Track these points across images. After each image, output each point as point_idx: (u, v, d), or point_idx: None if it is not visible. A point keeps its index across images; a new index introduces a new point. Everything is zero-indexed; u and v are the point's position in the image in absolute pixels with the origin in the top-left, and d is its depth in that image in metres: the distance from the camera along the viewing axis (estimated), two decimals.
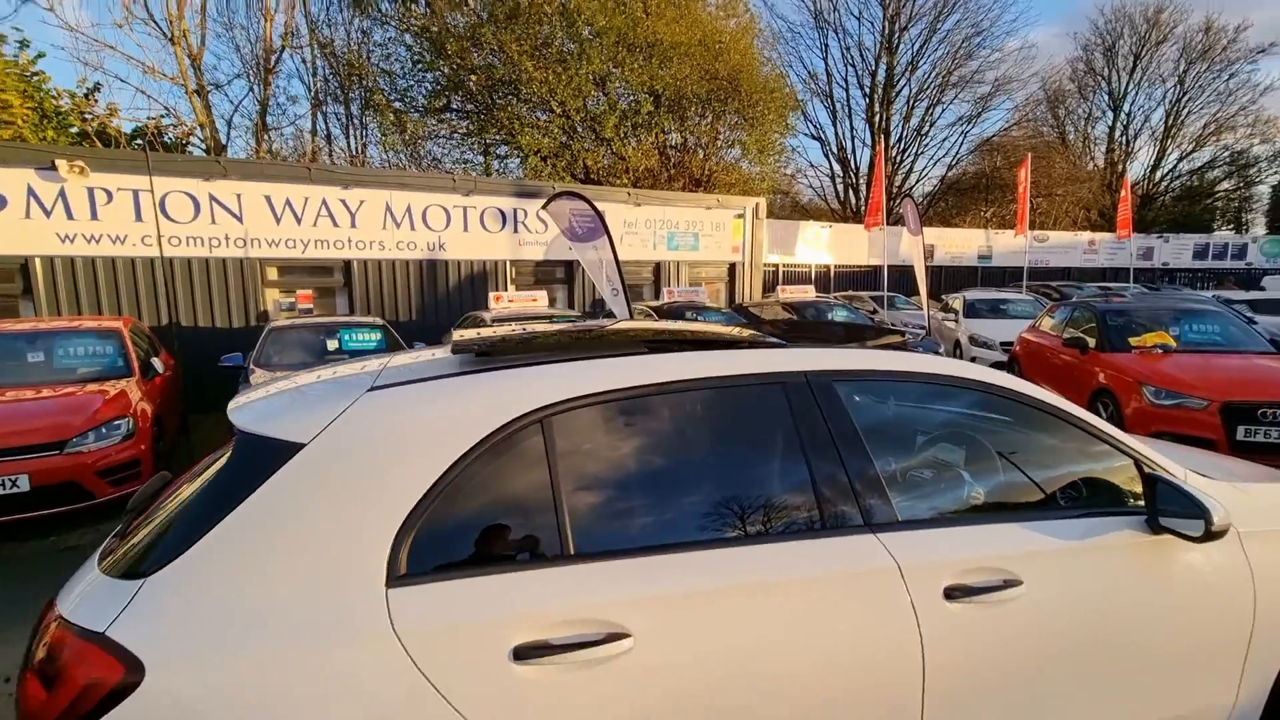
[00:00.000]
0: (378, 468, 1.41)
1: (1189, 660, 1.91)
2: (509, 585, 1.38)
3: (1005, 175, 26.67)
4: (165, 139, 15.38)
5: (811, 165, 36.93)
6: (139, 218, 8.63)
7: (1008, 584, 1.66)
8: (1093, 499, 1.97)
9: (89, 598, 1.35)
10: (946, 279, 21.86)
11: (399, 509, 1.38)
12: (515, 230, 11.45)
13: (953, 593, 1.62)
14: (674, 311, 9.28)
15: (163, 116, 16.03)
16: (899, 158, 29.06)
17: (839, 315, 10.79)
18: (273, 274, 9.89)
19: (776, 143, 20.79)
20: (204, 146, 17.10)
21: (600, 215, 8.21)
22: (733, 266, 14.10)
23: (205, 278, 9.16)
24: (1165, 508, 1.81)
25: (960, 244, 22.98)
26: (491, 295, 9.07)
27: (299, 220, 9.76)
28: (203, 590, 1.28)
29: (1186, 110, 32.94)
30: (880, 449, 1.79)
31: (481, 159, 19.76)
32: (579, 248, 8.47)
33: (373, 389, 1.53)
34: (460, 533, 1.44)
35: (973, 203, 29.18)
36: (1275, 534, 2.01)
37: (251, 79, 18.85)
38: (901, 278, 16.62)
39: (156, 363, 6.19)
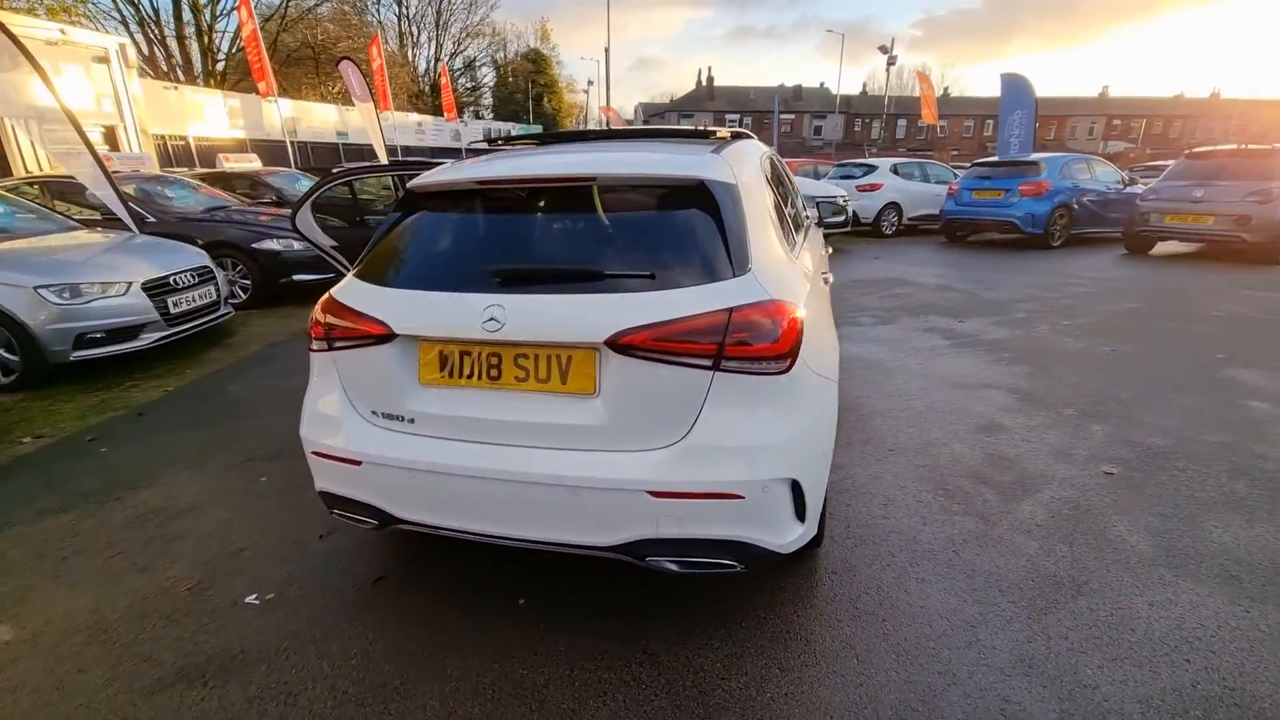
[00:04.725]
0: (762, 194, 2.23)
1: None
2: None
3: (335, 51, 26.96)
4: None
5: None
6: None
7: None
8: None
9: (711, 295, 1.76)
10: (315, 155, 21.70)
11: (773, 214, 2.29)
12: None
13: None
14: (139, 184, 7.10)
15: None
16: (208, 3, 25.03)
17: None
18: None
19: None
20: None
21: (13, 36, 5.46)
22: (112, 131, 10.68)
23: None
24: (824, 215, 4.27)
25: (319, 120, 22.79)
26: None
27: None
28: (770, 269, 1.92)
29: (450, 13, 40.08)
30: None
31: None
32: None
33: (713, 152, 2.19)
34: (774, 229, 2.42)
35: (305, 74, 28.44)
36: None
37: None
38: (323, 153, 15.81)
39: None
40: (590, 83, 38.94)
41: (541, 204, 2.08)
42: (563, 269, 1.91)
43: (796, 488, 1.82)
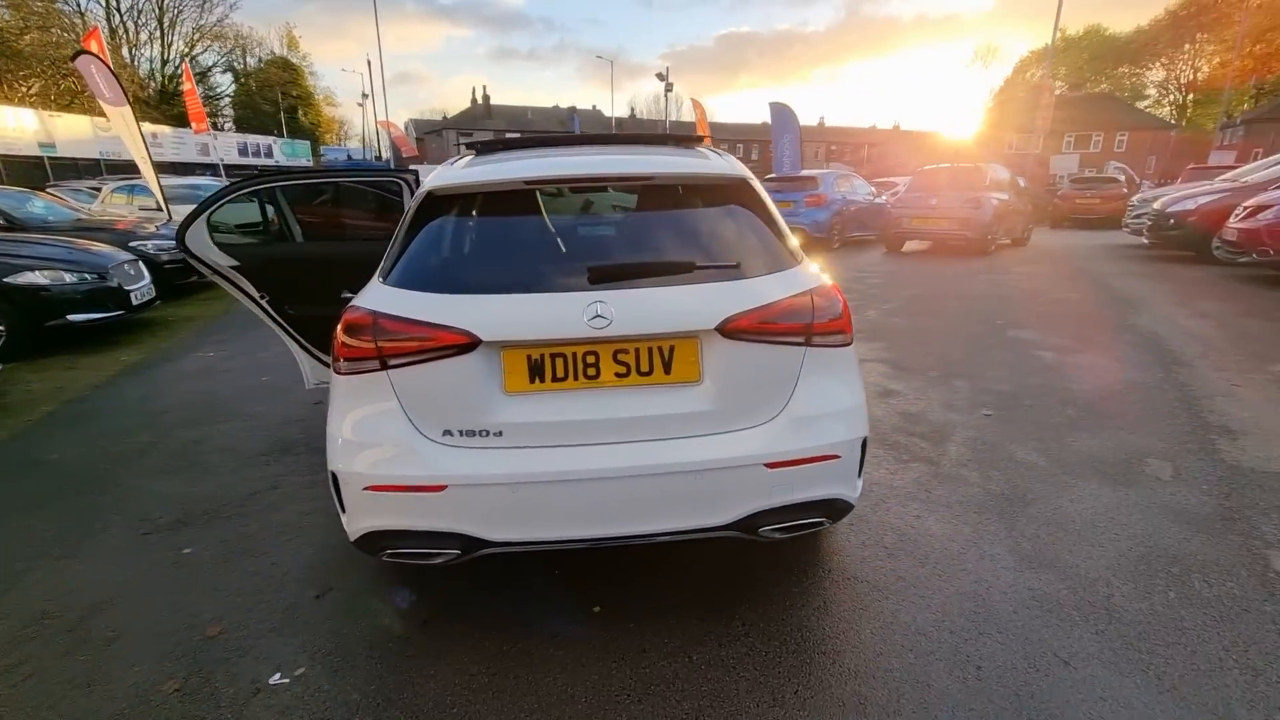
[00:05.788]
0: None
1: None
2: None
3: (18, 45, 21.49)
4: None
5: None
6: None
7: None
8: None
9: (788, 280, 1.93)
10: (9, 172, 17.25)
11: None
12: None
13: None
14: None
15: None
16: None
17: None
18: None
19: None
20: None
21: None
22: None
23: None
24: None
25: (11, 129, 18.02)
26: None
27: None
28: (805, 257, 2.18)
29: (177, 10, 34.35)
30: None
31: None
32: None
33: (722, 155, 2.37)
34: None
35: None
36: None
37: None
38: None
39: None
40: (365, 95, 35.87)
41: (595, 202, 2.09)
42: (658, 262, 1.94)
43: (864, 445, 2.07)
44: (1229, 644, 1.94)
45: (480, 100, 60.85)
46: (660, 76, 31.80)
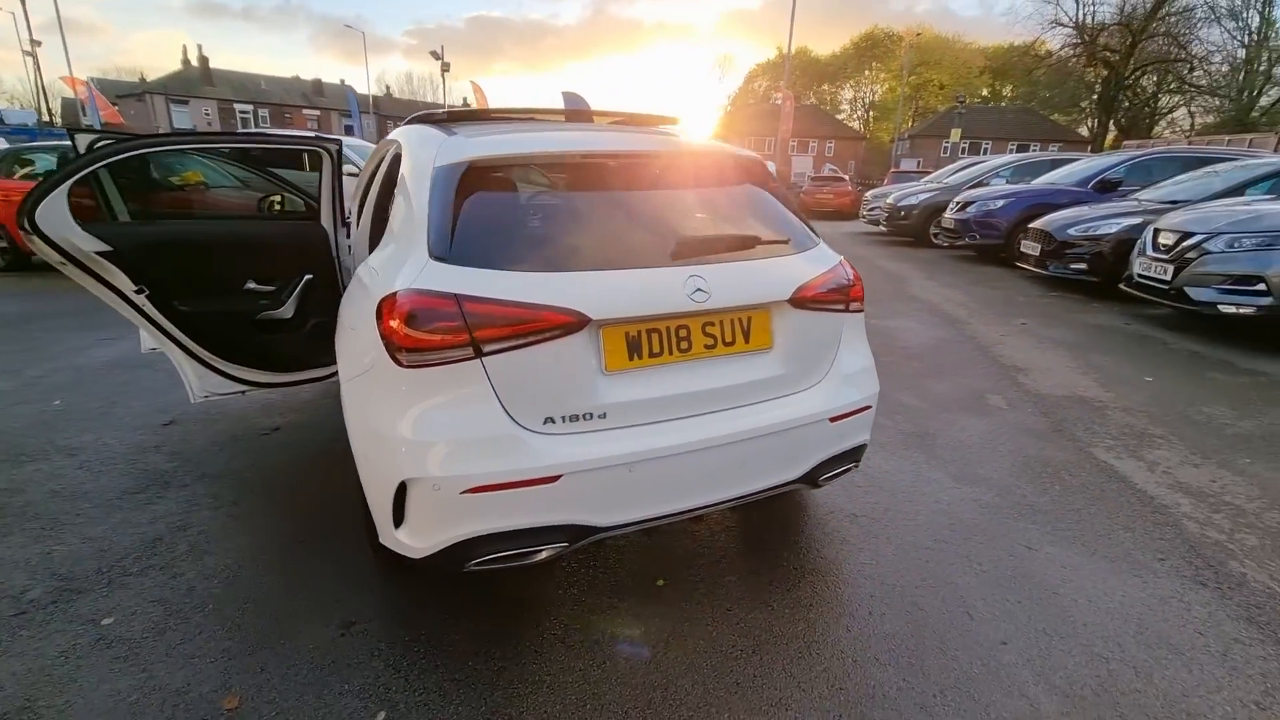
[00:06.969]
0: None
1: None
2: None
3: None
4: None
5: None
6: None
7: None
8: None
9: (822, 255, 2.17)
10: None
11: None
12: None
13: None
14: None
15: None
16: None
17: None
18: None
19: None
20: None
21: None
22: None
23: None
24: None
25: None
26: None
27: None
28: None
29: None
30: None
31: None
32: None
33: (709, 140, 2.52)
34: None
35: None
36: None
37: None
38: None
39: None
40: (38, 42, 26.90)
41: (640, 179, 2.08)
42: (738, 236, 2.02)
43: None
44: (1104, 515, 2.68)
45: (196, 62, 50.96)
46: (435, 55, 29.93)
